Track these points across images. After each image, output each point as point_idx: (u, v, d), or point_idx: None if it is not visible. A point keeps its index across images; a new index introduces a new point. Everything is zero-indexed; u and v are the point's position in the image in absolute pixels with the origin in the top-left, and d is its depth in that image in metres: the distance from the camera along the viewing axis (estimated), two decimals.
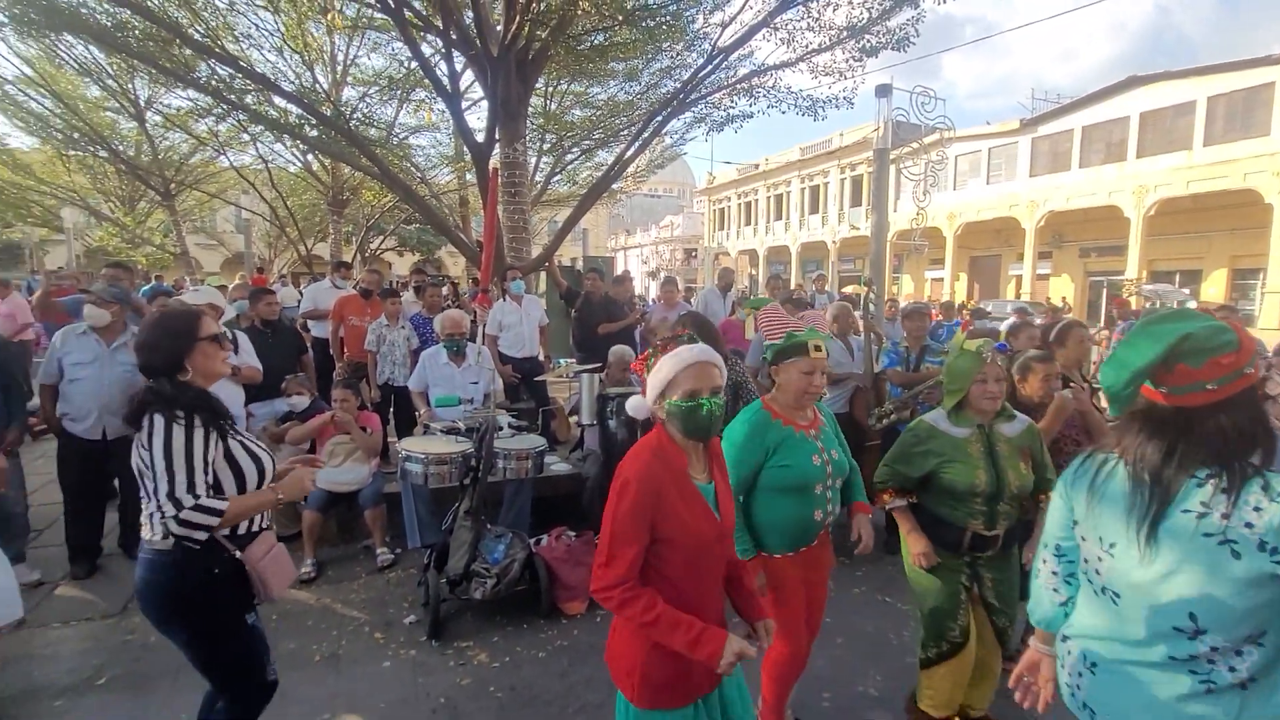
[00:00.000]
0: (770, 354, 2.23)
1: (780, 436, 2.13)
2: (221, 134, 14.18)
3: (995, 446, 2.26)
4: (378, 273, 6.17)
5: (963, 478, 2.21)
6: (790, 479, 2.11)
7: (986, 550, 2.29)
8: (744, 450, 2.11)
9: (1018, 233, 23.84)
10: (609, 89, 12.21)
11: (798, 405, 2.18)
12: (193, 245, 19.55)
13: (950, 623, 2.30)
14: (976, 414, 2.28)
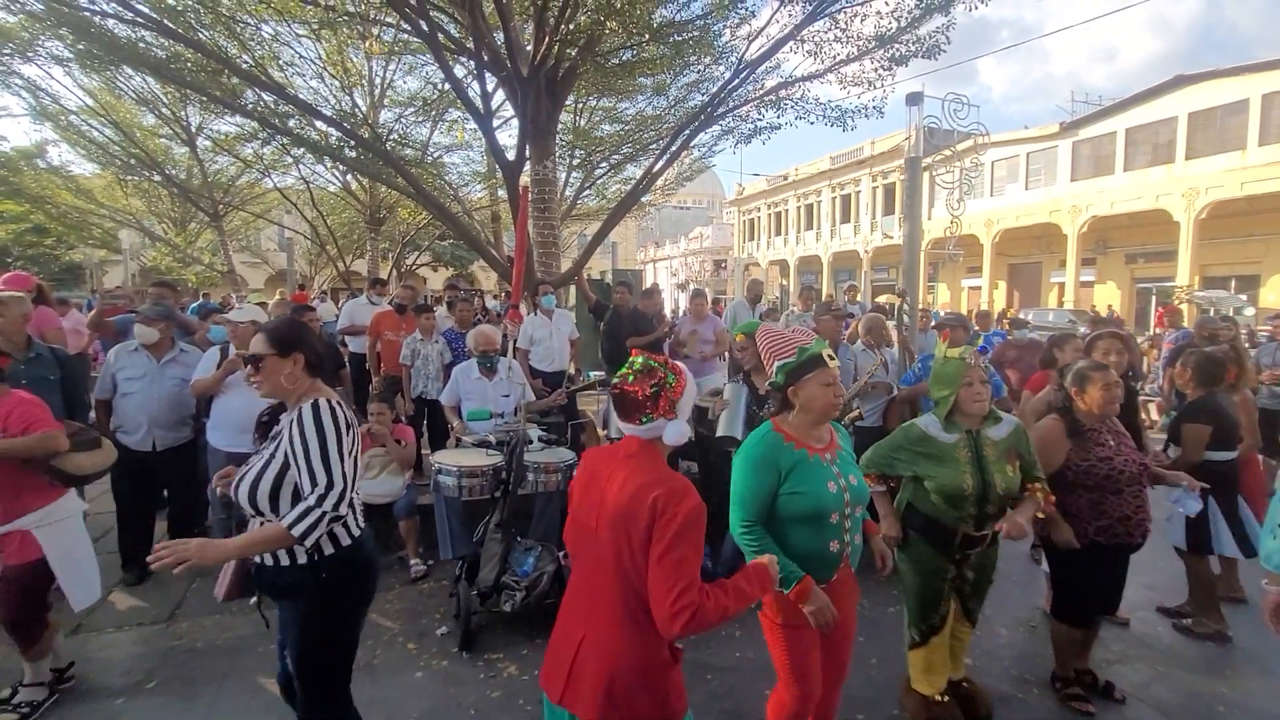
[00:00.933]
0: (782, 375, 2.04)
1: (793, 460, 1.96)
2: (266, 157, 14.78)
3: (982, 451, 2.38)
4: (412, 288, 6.33)
5: (951, 482, 2.33)
6: (804, 507, 1.93)
7: (975, 548, 2.48)
8: (757, 475, 1.96)
9: (1059, 239, 23.15)
10: (637, 104, 12.34)
11: (821, 422, 2.04)
12: (238, 263, 20.36)
13: (935, 611, 2.53)
14: (965, 419, 2.41)
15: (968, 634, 2.69)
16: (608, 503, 1.55)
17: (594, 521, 1.58)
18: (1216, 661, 3.16)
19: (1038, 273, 26.01)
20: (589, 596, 1.60)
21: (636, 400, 1.58)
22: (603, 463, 1.66)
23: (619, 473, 1.58)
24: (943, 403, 2.42)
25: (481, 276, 29.62)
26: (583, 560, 1.65)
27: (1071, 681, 2.82)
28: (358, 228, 18.57)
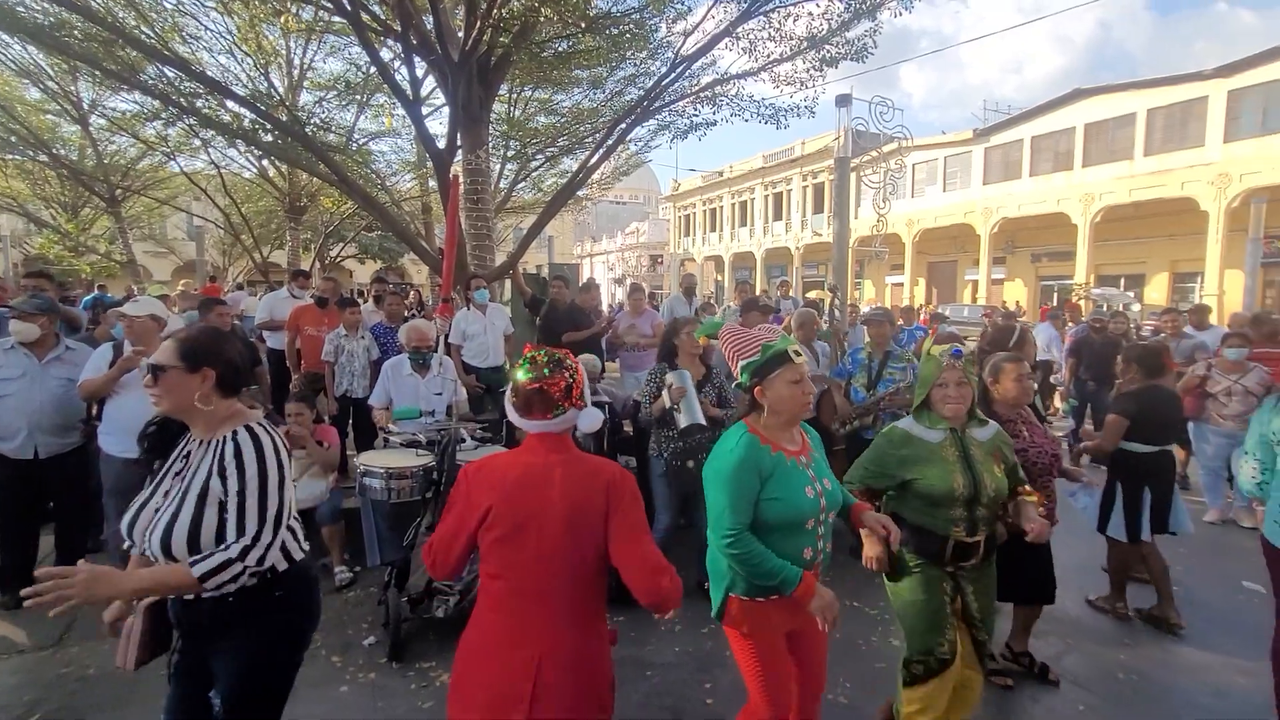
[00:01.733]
0: (747, 374, 1.95)
1: (772, 464, 1.86)
2: (171, 139, 13.67)
3: (969, 450, 2.25)
4: (334, 280, 5.99)
5: (940, 482, 2.18)
6: (781, 514, 1.84)
7: (969, 559, 2.26)
8: (740, 475, 1.83)
9: (973, 239, 24.62)
10: (573, 96, 12.19)
11: (792, 422, 1.95)
12: (141, 253, 18.80)
13: (938, 637, 2.23)
14: (942, 418, 2.27)
15: (979, 682, 2.37)
16: (557, 502, 1.52)
17: (542, 525, 1.52)
18: (1118, 634, 3.41)
19: (954, 270, 27.58)
20: (537, 608, 1.52)
21: (553, 395, 1.58)
22: (523, 468, 1.58)
23: (554, 471, 1.55)
24: (917, 399, 2.35)
25: (412, 270, 28.59)
26: (520, 572, 1.53)
27: (990, 658, 2.96)
28: (276, 216, 17.49)
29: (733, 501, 1.81)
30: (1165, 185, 19.22)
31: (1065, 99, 21.86)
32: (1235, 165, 17.76)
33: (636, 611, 3.54)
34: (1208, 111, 18.38)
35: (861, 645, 3.22)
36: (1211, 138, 18.29)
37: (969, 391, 2.26)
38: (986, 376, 2.91)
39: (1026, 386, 2.84)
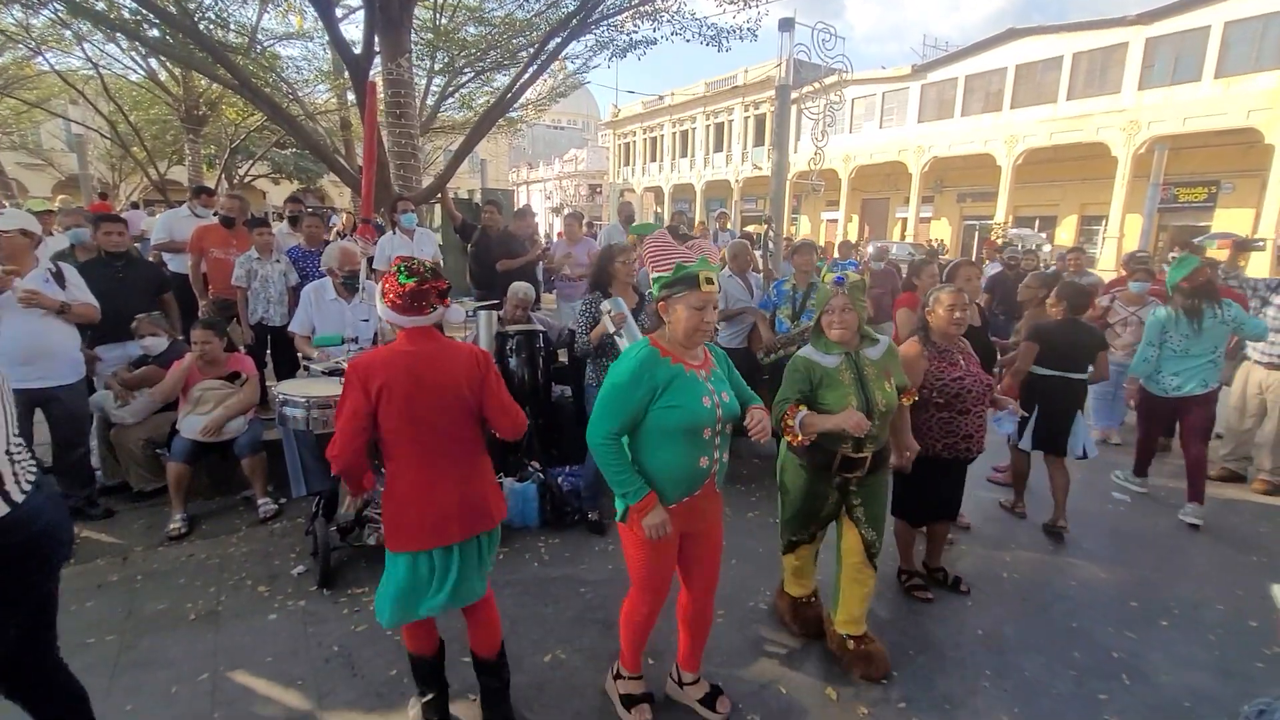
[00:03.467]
0: (658, 287, 2.05)
1: (669, 375, 1.97)
2: (36, 30, 11.86)
3: (863, 371, 2.40)
4: (240, 198, 5.50)
5: (836, 403, 2.32)
6: (678, 421, 1.95)
7: (855, 471, 2.44)
8: (628, 389, 1.95)
9: (905, 177, 25.17)
10: (505, 4, 11.31)
11: (688, 344, 2.02)
12: (12, 164, 16.66)
13: (803, 527, 2.63)
14: (837, 342, 2.42)
15: (871, 579, 2.56)
16: (453, 375, 1.96)
17: (431, 395, 1.93)
18: (1004, 540, 3.78)
19: (886, 208, 28.27)
20: (450, 451, 1.99)
21: (432, 295, 1.93)
22: (408, 364, 1.92)
23: (439, 357, 1.97)
24: (814, 325, 2.52)
25: (334, 192, 26.72)
26: (430, 429, 1.94)
27: (914, 574, 3.23)
28: (172, 127, 15.72)
29: (613, 408, 1.96)
30: (1082, 130, 20.07)
31: (999, 38, 22.13)
32: (1145, 113, 18.68)
33: (570, 533, 3.66)
34: (1126, 58, 19.09)
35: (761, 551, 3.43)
36: (1128, 84, 19.09)
37: (853, 318, 2.38)
38: (926, 308, 3.04)
39: (959, 318, 2.95)
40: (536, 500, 3.69)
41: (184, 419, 3.64)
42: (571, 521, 3.72)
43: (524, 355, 4.14)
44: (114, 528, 3.61)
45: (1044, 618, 3.01)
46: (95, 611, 2.84)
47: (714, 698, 2.35)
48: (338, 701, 2.36)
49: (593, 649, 2.67)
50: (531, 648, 2.68)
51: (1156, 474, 4.90)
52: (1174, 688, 2.55)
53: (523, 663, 2.57)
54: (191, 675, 2.47)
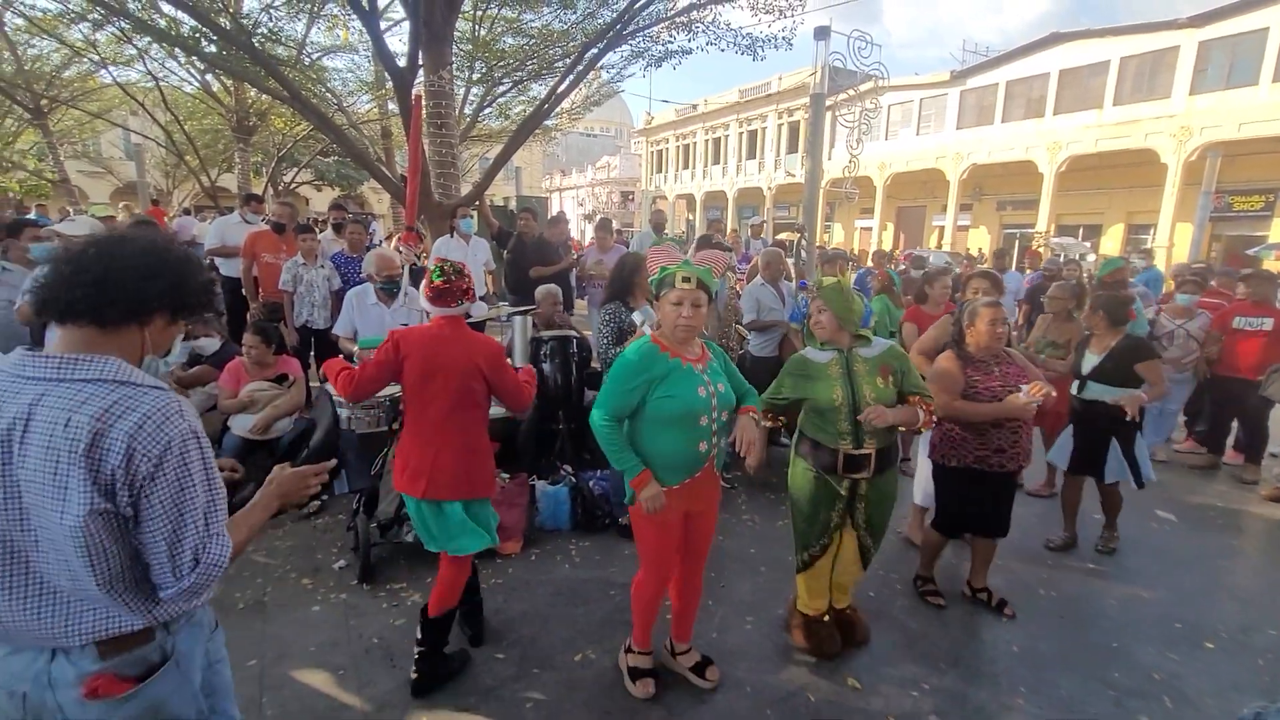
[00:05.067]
0: (654, 288, 2.30)
1: (666, 368, 2.17)
2: (100, 45, 12.52)
3: (853, 366, 2.52)
4: (290, 205, 5.74)
5: (823, 395, 2.48)
6: (674, 409, 2.14)
7: (861, 470, 2.50)
8: (626, 379, 2.16)
9: (942, 184, 24.68)
10: (543, 16, 11.52)
11: (674, 338, 2.21)
12: (74, 172, 17.52)
13: (816, 539, 2.63)
14: (824, 340, 2.58)
15: (858, 573, 2.77)
16: (461, 360, 2.30)
17: (453, 375, 2.29)
18: (1042, 555, 3.71)
19: (922, 216, 27.77)
20: (444, 422, 2.31)
21: (457, 291, 2.34)
22: (432, 339, 2.32)
23: (455, 342, 2.33)
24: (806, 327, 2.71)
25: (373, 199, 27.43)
26: (431, 398, 2.29)
27: (928, 579, 3.21)
28: (223, 136, 16.38)
29: (613, 394, 2.18)
30: (1130, 136, 19.44)
31: (1043, 43, 21.61)
32: (1197, 118, 18.01)
33: (601, 536, 3.71)
34: (1178, 62, 18.44)
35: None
36: (1178, 89, 18.43)
37: (827, 318, 2.54)
38: (964, 320, 3.00)
39: (999, 332, 2.92)
40: (568, 503, 3.75)
41: (235, 417, 3.81)
42: (602, 525, 3.77)
43: (557, 360, 4.22)
44: None
45: (1082, 635, 2.94)
46: None
47: (704, 666, 2.53)
48: (377, 691, 2.45)
49: (620, 650, 2.71)
50: (562, 646, 2.73)
51: (1205, 493, 4.74)
52: (1219, 713, 2.47)
53: (554, 660, 2.64)
54: (241, 661, 2.59)
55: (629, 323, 3.40)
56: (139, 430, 1.09)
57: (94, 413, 1.08)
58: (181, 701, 1.26)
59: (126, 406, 1.10)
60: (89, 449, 1.06)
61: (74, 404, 1.08)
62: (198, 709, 1.30)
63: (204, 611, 1.35)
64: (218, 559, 1.16)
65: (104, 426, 1.07)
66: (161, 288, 1.19)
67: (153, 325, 1.22)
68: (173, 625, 1.24)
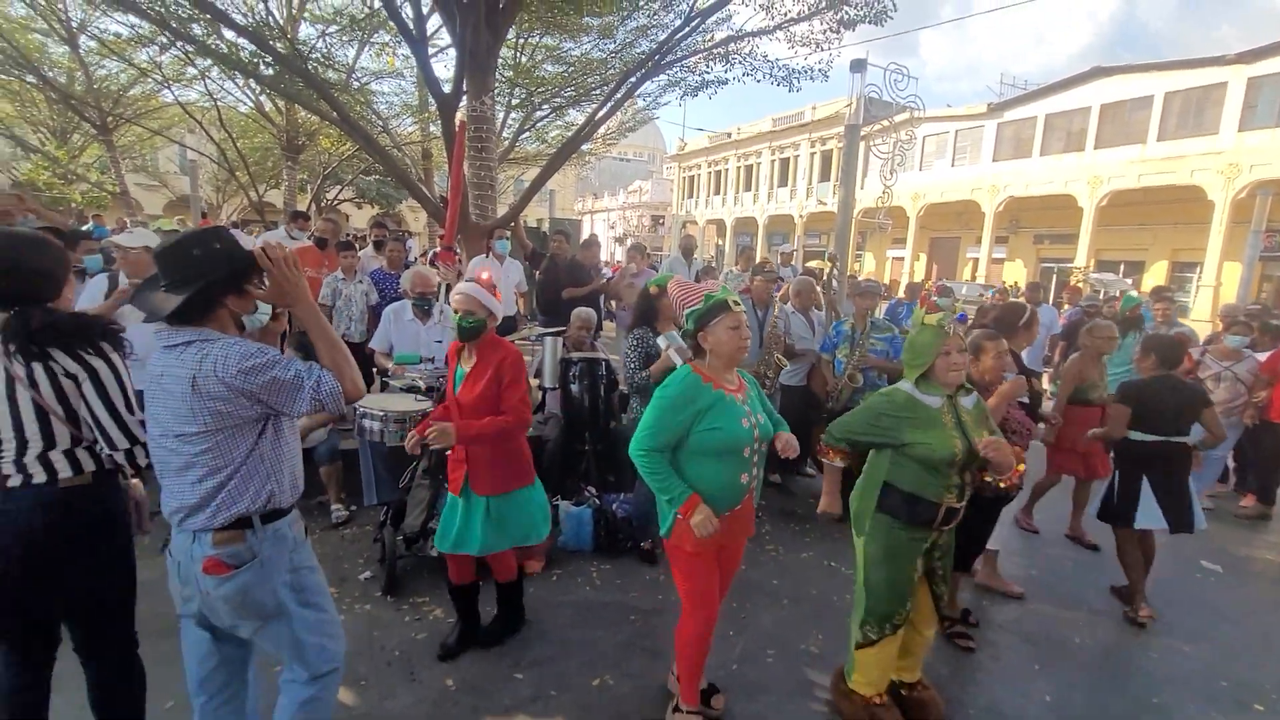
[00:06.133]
0: (692, 320, 2.23)
1: (711, 400, 2.13)
2: (165, 67, 13.22)
3: (962, 417, 2.32)
4: (334, 221, 5.94)
5: (942, 447, 2.21)
6: (720, 442, 2.11)
7: (952, 522, 2.35)
8: (673, 411, 2.12)
9: (977, 216, 24.43)
10: (582, 45, 11.84)
11: (729, 365, 2.19)
12: (132, 185, 18.37)
13: (900, 609, 2.34)
14: (943, 385, 2.32)
15: (933, 633, 2.55)
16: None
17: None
18: (1077, 602, 3.57)
19: (956, 247, 27.46)
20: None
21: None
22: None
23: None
24: (916, 370, 2.34)
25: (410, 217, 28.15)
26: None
27: (955, 621, 3.13)
28: (272, 154, 17.07)
29: (656, 425, 2.13)
30: (1175, 172, 19.03)
31: (1083, 77, 21.41)
32: (1246, 155, 17.56)
33: (622, 560, 3.70)
34: (1225, 98, 18.07)
35: (835, 601, 3.37)
36: (1226, 125, 18.04)
37: (967, 359, 2.37)
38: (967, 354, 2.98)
39: (1005, 365, 2.93)
40: (591, 525, 3.76)
41: None
42: (624, 548, 3.76)
43: (586, 382, 4.26)
44: None
45: (1120, 689, 2.82)
46: None
47: (710, 694, 2.47)
48: (397, 704, 2.47)
49: (640, 676, 2.69)
50: (580, 669, 2.72)
51: (1254, 544, 4.54)
52: None
53: (571, 683, 2.62)
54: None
55: (655, 347, 3.43)
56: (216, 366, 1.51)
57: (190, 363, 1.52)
58: (262, 593, 1.64)
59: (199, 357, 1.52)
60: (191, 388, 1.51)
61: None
62: (276, 601, 1.67)
63: (288, 527, 1.72)
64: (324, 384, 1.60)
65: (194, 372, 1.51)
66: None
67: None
68: (259, 532, 1.63)
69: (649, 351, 3.48)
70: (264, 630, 1.68)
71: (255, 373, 1.52)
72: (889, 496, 2.32)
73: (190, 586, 1.62)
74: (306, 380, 1.57)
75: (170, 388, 1.53)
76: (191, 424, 1.54)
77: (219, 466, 1.57)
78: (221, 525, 1.58)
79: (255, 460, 1.62)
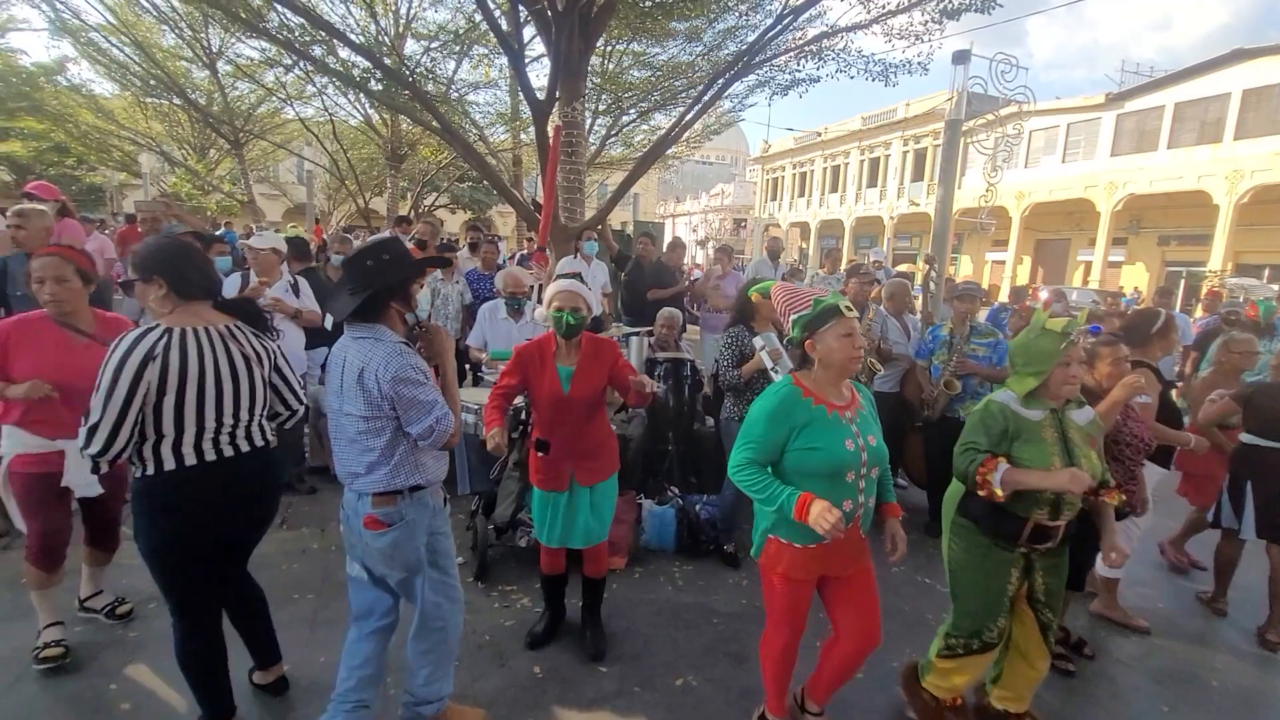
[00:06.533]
0: (799, 327, 2.05)
1: (809, 416, 1.94)
2: (288, 85, 14.49)
3: (1068, 433, 2.13)
4: (432, 223, 6.30)
5: (1037, 463, 2.05)
6: (818, 464, 1.92)
7: (1046, 542, 2.16)
8: (767, 426, 1.96)
9: (1091, 216, 22.52)
10: (669, 49, 11.93)
11: (840, 377, 2.01)
12: (257, 194, 20.25)
13: (989, 622, 2.20)
14: (1052, 398, 2.13)
15: (1045, 663, 2.28)
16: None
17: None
18: (1211, 638, 3.21)
19: (1065, 250, 25.43)
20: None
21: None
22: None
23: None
24: (1029, 380, 2.13)
25: (499, 221, 29.33)
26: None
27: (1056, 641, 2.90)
28: (377, 164, 18.32)
29: (752, 439, 1.99)
30: None
31: (1222, 60, 19.25)
32: None
33: (704, 562, 3.67)
34: None
35: (930, 620, 3.19)
36: None
37: (1083, 371, 2.19)
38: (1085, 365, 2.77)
39: (1123, 373, 2.69)
40: (674, 525, 3.76)
41: None
42: (706, 551, 3.74)
43: (670, 382, 4.27)
44: (315, 503, 4.21)
45: None
46: (299, 573, 3.33)
47: (802, 703, 2.32)
48: (487, 686, 2.56)
49: (723, 680, 2.66)
50: (663, 669, 2.72)
51: None
52: None
53: (655, 682, 2.63)
54: None
55: (750, 346, 3.39)
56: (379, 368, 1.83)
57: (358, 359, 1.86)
58: (408, 549, 1.99)
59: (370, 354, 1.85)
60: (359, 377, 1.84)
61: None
62: (418, 557, 2.03)
63: (429, 496, 2.05)
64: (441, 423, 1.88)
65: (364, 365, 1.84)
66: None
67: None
68: (409, 502, 1.96)
69: (743, 351, 3.46)
70: (405, 581, 2.04)
71: (404, 385, 1.84)
72: (972, 502, 2.19)
73: (354, 535, 1.99)
74: (435, 412, 1.86)
75: (347, 372, 1.86)
76: (355, 406, 1.86)
77: (374, 445, 1.90)
78: (378, 491, 1.92)
79: (402, 443, 1.93)
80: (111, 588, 2.93)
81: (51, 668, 2.47)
